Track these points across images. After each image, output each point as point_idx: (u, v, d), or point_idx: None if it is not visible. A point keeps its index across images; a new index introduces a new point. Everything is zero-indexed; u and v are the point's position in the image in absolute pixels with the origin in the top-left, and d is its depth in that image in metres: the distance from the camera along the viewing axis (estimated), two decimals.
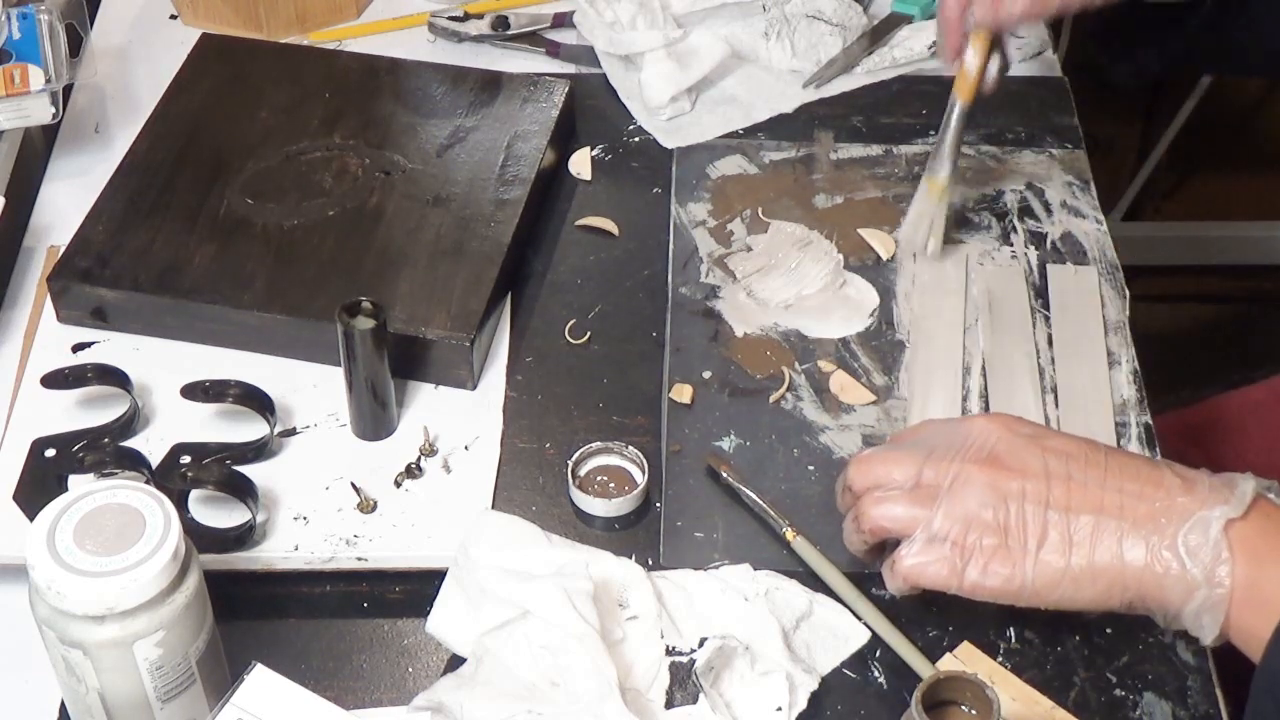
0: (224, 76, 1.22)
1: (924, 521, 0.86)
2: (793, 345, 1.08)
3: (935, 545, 0.85)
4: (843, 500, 0.93)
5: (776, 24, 1.29)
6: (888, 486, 0.88)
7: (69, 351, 1.06)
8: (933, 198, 1.11)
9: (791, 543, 0.95)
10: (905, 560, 0.86)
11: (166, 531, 0.77)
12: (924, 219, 1.12)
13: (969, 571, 0.85)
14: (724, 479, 0.98)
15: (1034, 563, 0.84)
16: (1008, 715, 0.87)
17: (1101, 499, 0.83)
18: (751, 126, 1.25)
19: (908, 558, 0.86)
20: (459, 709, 0.83)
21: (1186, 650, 0.92)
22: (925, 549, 0.86)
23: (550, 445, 1.02)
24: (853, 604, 0.92)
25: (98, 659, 0.77)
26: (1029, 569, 0.84)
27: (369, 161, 1.15)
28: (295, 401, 1.03)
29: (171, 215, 1.10)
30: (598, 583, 0.87)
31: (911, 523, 0.86)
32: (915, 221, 1.13)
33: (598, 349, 1.09)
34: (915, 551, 0.86)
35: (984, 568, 0.84)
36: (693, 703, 0.87)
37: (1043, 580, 0.84)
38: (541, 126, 1.18)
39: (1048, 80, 1.31)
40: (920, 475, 0.87)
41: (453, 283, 1.06)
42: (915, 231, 1.13)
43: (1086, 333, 1.09)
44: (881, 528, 0.88)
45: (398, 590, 0.95)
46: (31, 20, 1.17)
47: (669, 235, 1.16)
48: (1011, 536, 0.84)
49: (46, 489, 0.94)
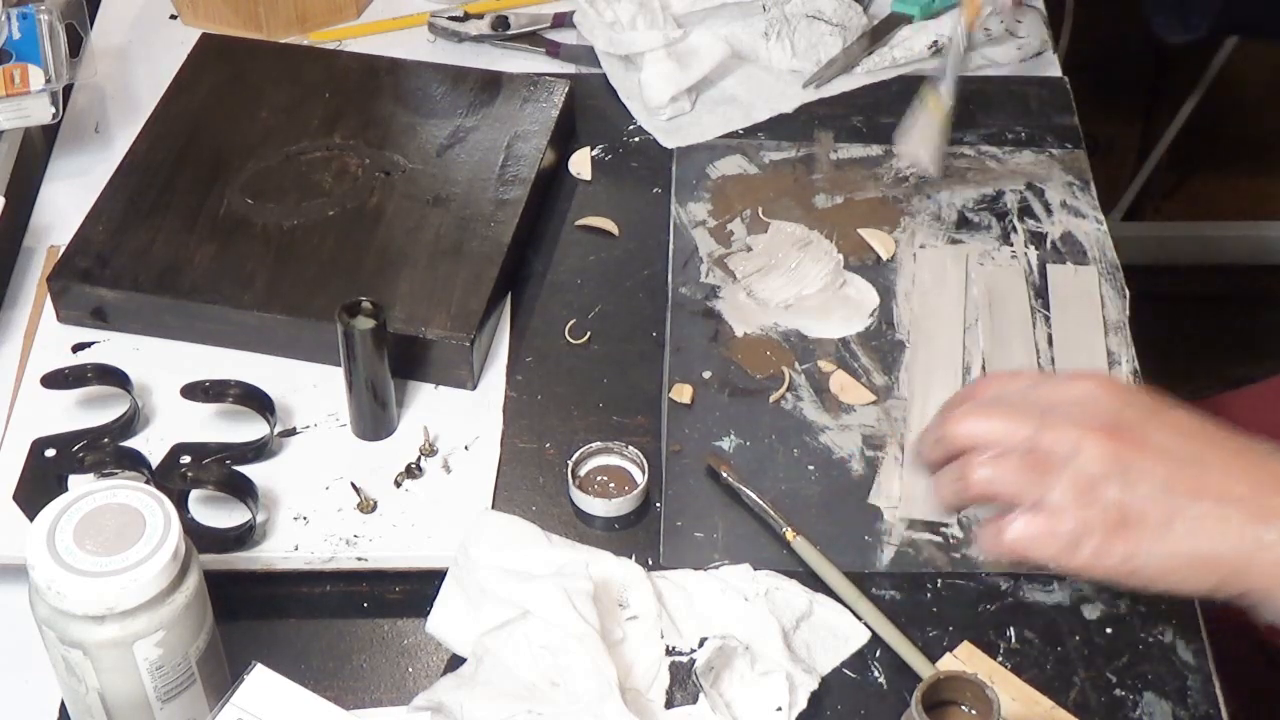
0: (224, 76, 1.22)
1: (1041, 490, 0.78)
2: (793, 345, 1.08)
3: (1050, 517, 0.78)
4: (932, 452, 0.84)
5: (776, 24, 1.29)
6: (996, 446, 0.80)
7: (69, 351, 1.06)
8: (937, 114, 1.13)
9: (791, 543, 0.95)
10: (1015, 530, 0.79)
11: (166, 531, 0.77)
12: (927, 135, 1.13)
13: (1082, 548, 0.78)
14: (724, 479, 0.98)
15: (1154, 546, 0.77)
16: (1008, 715, 0.87)
17: (1227, 485, 0.78)
18: (751, 126, 1.25)
19: (1019, 528, 0.79)
20: (459, 709, 0.83)
21: (1186, 650, 0.92)
22: (1038, 521, 0.78)
23: (550, 445, 1.02)
24: (853, 604, 0.92)
25: (98, 659, 0.77)
26: (1148, 552, 0.77)
27: (369, 161, 1.15)
28: (295, 401, 1.03)
29: (171, 215, 1.10)
30: (598, 583, 0.87)
31: (1027, 490, 0.79)
32: (921, 133, 1.14)
33: (598, 349, 1.09)
34: (1028, 522, 0.78)
35: (1099, 547, 0.78)
36: (693, 703, 0.87)
37: (1160, 565, 0.78)
38: (541, 126, 1.18)
39: (1048, 80, 1.31)
40: (1034, 438, 0.79)
41: (453, 283, 1.06)
42: (920, 149, 1.14)
43: (1086, 333, 1.09)
44: (992, 492, 0.80)
45: (398, 590, 0.95)
46: (31, 20, 1.17)
47: (669, 235, 1.16)
48: (1132, 516, 0.78)
49: (46, 489, 0.94)
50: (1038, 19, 1.36)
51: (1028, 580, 0.95)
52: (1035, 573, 0.95)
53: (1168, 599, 0.94)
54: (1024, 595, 0.94)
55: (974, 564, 0.96)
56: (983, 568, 0.95)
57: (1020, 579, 0.95)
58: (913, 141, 1.15)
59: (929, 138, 1.14)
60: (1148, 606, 0.94)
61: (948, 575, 0.95)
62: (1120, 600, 0.94)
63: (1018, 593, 0.94)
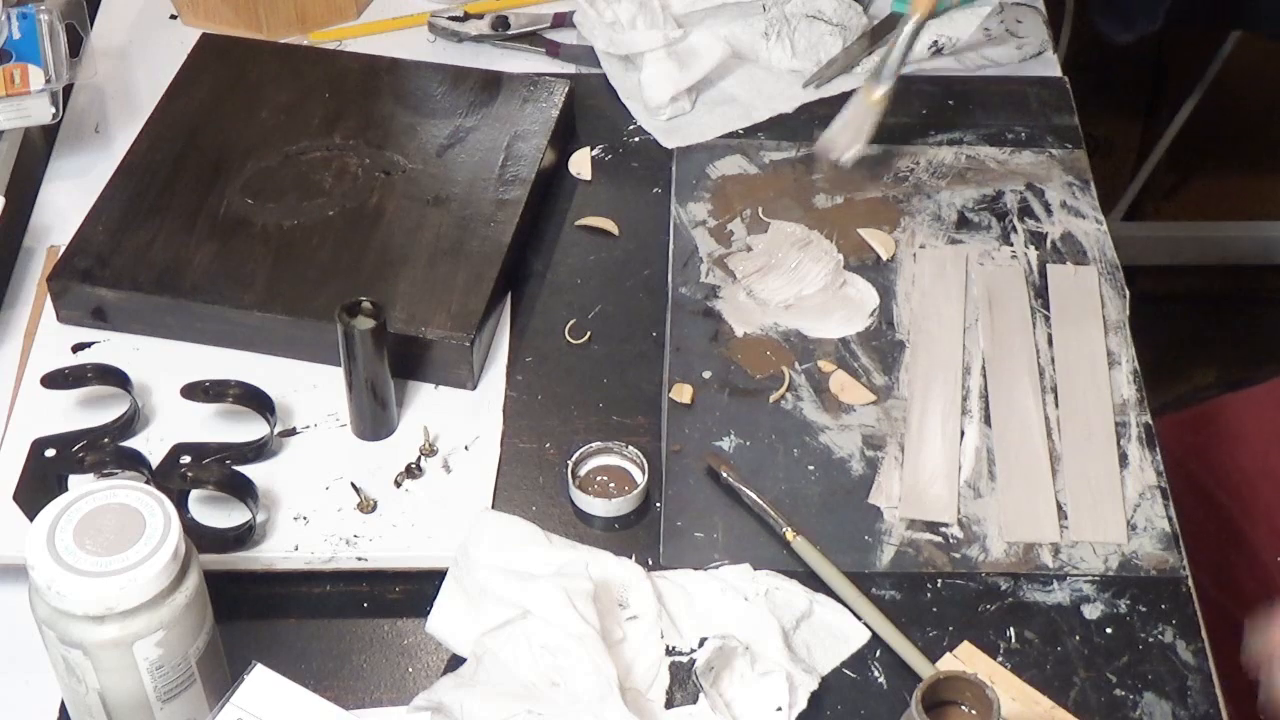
0: (224, 76, 1.22)
1: None
2: (793, 345, 1.08)
3: None
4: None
5: (776, 24, 1.29)
6: None
7: (69, 351, 1.06)
8: (870, 107, 1.16)
9: (791, 543, 0.95)
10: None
11: (166, 531, 0.77)
12: (851, 126, 1.16)
13: None
14: (724, 479, 0.98)
15: None
16: (1008, 715, 0.87)
17: None
18: (751, 126, 1.25)
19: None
20: (459, 709, 0.83)
21: (1186, 650, 0.92)
22: None
23: (550, 445, 1.02)
24: (853, 604, 0.92)
25: (98, 659, 0.77)
26: None
27: (369, 161, 1.15)
28: (295, 401, 1.03)
29: (171, 215, 1.10)
30: (598, 583, 0.87)
31: None
32: (843, 127, 1.17)
33: (598, 349, 1.09)
34: None
35: None
36: (693, 703, 0.87)
37: None
38: (541, 126, 1.18)
39: (1048, 80, 1.31)
40: None
41: (453, 283, 1.06)
42: (840, 136, 1.16)
43: (1086, 333, 1.09)
44: None
45: (398, 590, 0.95)
46: (31, 20, 1.17)
47: (669, 235, 1.16)
48: None
49: (46, 489, 0.94)
50: (1038, 19, 1.36)
51: (1028, 580, 0.95)
52: (1034, 573, 0.95)
53: (1168, 599, 0.94)
54: (1024, 595, 0.94)
55: (974, 564, 0.96)
56: (982, 568, 0.95)
57: (1020, 579, 0.95)
58: (834, 129, 1.17)
59: (852, 129, 1.16)
60: (1148, 607, 0.94)
61: (948, 575, 0.95)
62: (1120, 600, 0.94)
63: (1018, 593, 0.94)
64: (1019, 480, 1.00)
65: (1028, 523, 0.98)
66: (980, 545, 0.97)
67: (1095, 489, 1.00)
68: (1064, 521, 0.98)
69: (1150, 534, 0.97)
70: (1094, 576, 0.95)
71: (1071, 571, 0.95)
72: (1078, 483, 1.00)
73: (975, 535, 0.97)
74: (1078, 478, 1.00)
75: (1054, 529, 0.97)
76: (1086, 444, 1.02)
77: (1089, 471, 1.00)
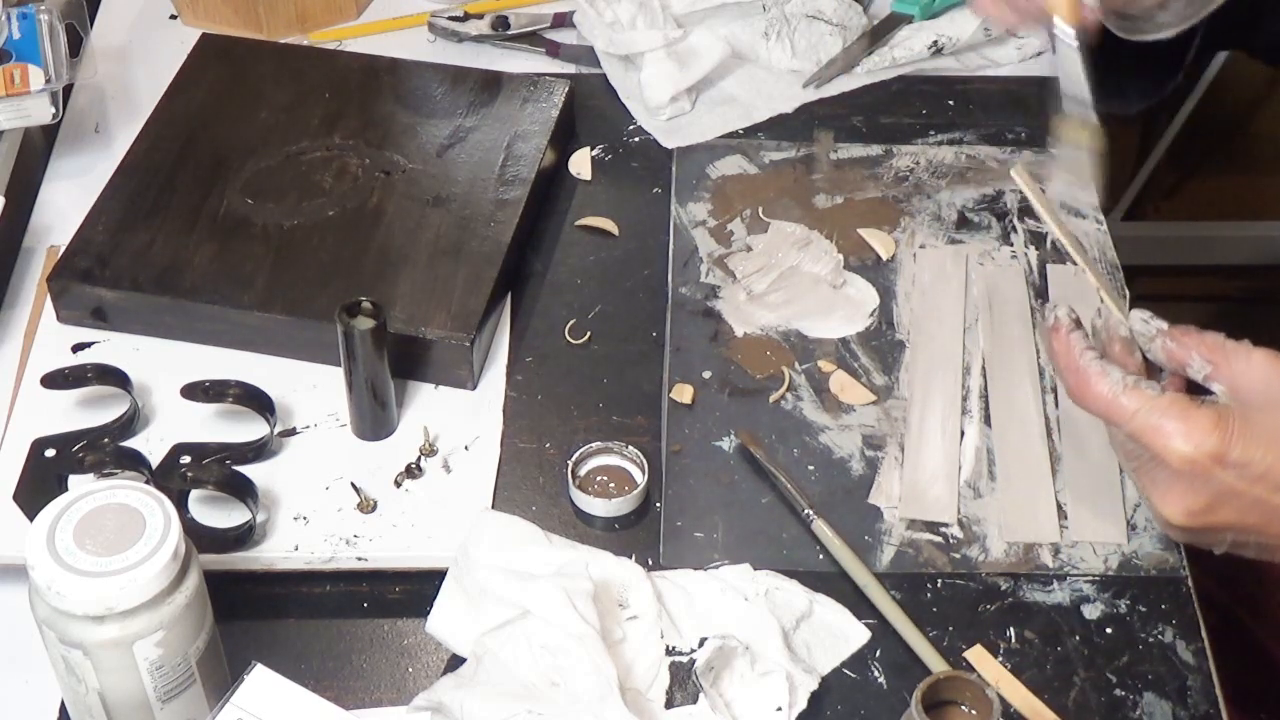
0: (224, 76, 1.22)
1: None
2: (793, 345, 1.08)
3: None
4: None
5: (776, 24, 1.29)
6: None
7: (69, 351, 1.06)
8: (1091, 142, 0.95)
9: (811, 525, 0.95)
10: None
11: (166, 531, 0.77)
12: (1078, 167, 0.95)
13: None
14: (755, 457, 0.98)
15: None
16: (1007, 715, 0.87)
17: None
18: (751, 126, 1.25)
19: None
20: (459, 709, 0.83)
21: (1186, 650, 0.92)
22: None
23: (550, 445, 1.02)
24: (865, 588, 0.92)
25: (98, 659, 0.77)
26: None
27: (369, 161, 1.15)
28: (295, 401, 1.03)
29: (171, 215, 1.10)
30: (598, 583, 0.87)
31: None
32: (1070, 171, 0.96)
33: (598, 349, 1.09)
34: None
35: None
36: (693, 703, 0.87)
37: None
38: (541, 126, 1.18)
39: (1048, 80, 1.30)
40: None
41: (453, 283, 1.06)
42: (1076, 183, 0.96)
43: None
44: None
45: (398, 590, 0.95)
46: (31, 20, 1.17)
47: (669, 235, 1.16)
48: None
49: (46, 489, 0.94)
50: None
51: (1027, 580, 0.95)
52: (1034, 573, 0.95)
53: (1168, 599, 0.94)
54: (1024, 595, 0.94)
55: (974, 564, 0.96)
56: (982, 568, 0.95)
57: (1020, 579, 0.95)
58: (1062, 182, 0.97)
59: (1082, 172, 0.96)
60: (1148, 607, 0.94)
61: (948, 575, 0.95)
62: (1120, 600, 0.94)
63: (1018, 593, 0.94)
64: (1019, 480, 1.00)
65: (1028, 523, 0.98)
66: (980, 545, 0.97)
67: (1095, 489, 1.00)
68: (1064, 521, 0.98)
69: (1150, 534, 0.97)
70: (1094, 576, 0.95)
71: (1071, 571, 0.95)
72: (1078, 483, 1.00)
73: (975, 535, 0.97)
74: (1078, 478, 1.00)
75: (1054, 529, 0.97)
76: (1086, 444, 1.02)
77: (1089, 471, 1.00)
